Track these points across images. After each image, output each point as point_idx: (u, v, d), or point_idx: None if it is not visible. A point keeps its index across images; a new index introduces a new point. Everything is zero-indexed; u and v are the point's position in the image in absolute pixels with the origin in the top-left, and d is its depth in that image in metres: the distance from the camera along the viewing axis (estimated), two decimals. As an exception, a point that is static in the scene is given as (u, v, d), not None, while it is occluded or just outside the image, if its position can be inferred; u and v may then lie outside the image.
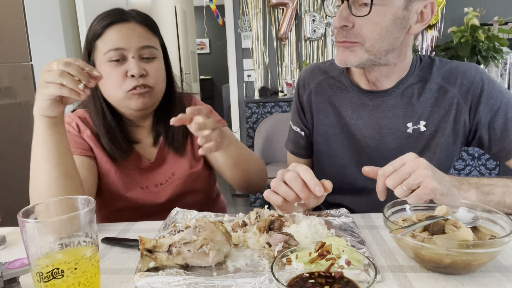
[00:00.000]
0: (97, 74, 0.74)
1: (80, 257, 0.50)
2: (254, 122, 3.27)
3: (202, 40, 8.58)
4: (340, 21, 0.85)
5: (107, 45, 0.91)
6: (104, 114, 0.97)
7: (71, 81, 0.70)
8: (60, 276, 0.49)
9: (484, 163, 2.93)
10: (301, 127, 1.09)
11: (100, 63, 0.93)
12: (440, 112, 0.94)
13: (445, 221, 0.62)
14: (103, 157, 0.98)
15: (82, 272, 0.50)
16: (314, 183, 0.72)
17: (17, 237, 0.82)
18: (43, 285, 0.49)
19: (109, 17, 0.93)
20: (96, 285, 0.53)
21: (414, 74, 0.95)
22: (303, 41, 3.45)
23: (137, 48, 0.92)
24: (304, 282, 0.48)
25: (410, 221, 0.66)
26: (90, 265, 0.51)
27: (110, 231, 0.83)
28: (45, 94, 0.72)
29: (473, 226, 0.64)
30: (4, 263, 0.59)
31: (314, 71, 1.08)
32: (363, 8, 0.83)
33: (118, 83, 0.92)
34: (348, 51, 0.88)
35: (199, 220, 0.67)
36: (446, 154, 0.95)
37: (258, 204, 3.43)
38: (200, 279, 0.57)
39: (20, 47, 2.11)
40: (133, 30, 0.93)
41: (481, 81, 0.91)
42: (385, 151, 0.97)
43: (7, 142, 2.19)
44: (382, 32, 0.84)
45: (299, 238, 0.67)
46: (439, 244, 0.55)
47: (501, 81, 2.90)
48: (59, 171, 0.78)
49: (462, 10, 2.98)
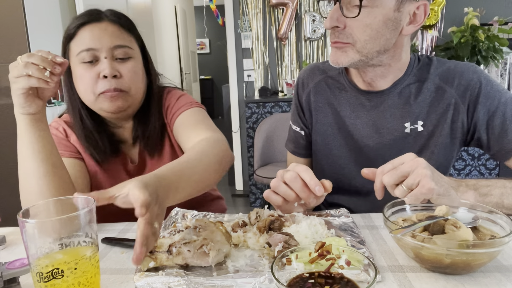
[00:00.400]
0: (61, 60, 0.74)
1: (80, 257, 0.50)
2: (254, 122, 3.27)
3: (202, 40, 8.59)
4: (331, 22, 0.86)
5: (79, 46, 0.89)
6: (82, 117, 0.95)
7: (36, 70, 0.71)
8: (60, 276, 0.49)
9: (484, 163, 2.93)
10: (300, 127, 1.10)
11: (74, 65, 0.90)
12: (437, 112, 0.94)
13: (445, 221, 0.62)
14: (89, 160, 0.98)
15: (82, 272, 0.50)
16: (314, 182, 0.72)
17: (17, 237, 0.82)
18: (43, 285, 0.49)
19: (82, 18, 0.90)
20: (96, 285, 0.53)
21: (412, 74, 0.96)
22: (303, 41, 3.45)
23: (109, 48, 0.89)
24: (304, 282, 0.48)
25: (410, 221, 0.66)
26: (90, 265, 0.51)
27: (110, 231, 0.83)
28: (16, 89, 0.73)
29: (473, 226, 0.64)
30: (4, 263, 0.59)
31: (313, 71, 1.08)
32: (355, 9, 0.83)
33: (90, 85, 0.89)
34: (340, 52, 0.88)
35: (199, 220, 0.67)
36: (444, 154, 0.95)
37: (258, 204, 3.43)
38: (200, 279, 0.57)
39: (20, 47, 2.11)
40: (105, 29, 0.90)
41: (479, 81, 0.91)
42: (383, 150, 0.97)
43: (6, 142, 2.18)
44: (372, 33, 0.84)
45: (299, 238, 0.67)
46: (439, 244, 0.55)
47: (501, 81, 2.90)
48: (46, 168, 0.78)
49: (462, 10, 2.98)
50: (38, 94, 0.77)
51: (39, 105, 0.77)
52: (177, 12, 5.64)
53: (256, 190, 3.43)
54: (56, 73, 0.73)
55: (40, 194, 0.77)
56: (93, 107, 0.94)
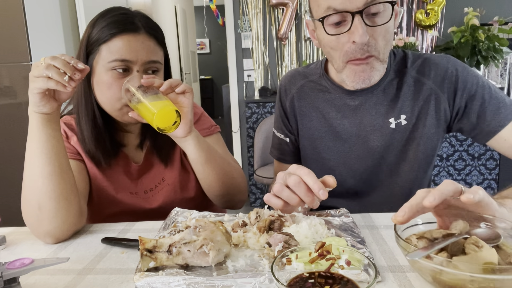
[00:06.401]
0: (82, 67, 0.75)
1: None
2: (254, 122, 3.27)
3: (202, 40, 8.59)
4: (366, 36, 0.80)
5: (113, 54, 0.87)
6: (95, 118, 0.94)
7: (56, 73, 0.72)
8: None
9: (484, 163, 2.93)
10: (285, 134, 1.09)
11: (101, 69, 0.89)
12: (419, 105, 0.95)
13: (464, 239, 0.56)
14: (89, 162, 0.97)
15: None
16: (317, 187, 0.71)
17: (17, 237, 0.83)
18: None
19: (117, 24, 0.88)
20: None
21: (392, 69, 0.97)
22: (303, 41, 3.45)
23: (143, 62, 0.89)
24: (304, 282, 0.48)
25: (425, 239, 0.59)
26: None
27: (110, 231, 0.83)
28: (34, 88, 0.74)
29: (495, 245, 0.56)
30: (4, 263, 0.59)
31: (294, 77, 1.08)
32: (371, 18, 0.82)
33: (118, 95, 0.89)
34: (369, 68, 0.86)
35: (199, 220, 0.67)
36: (430, 144, 0.97)
37: (258, 204, 3.43)
38: (200, 279, 0.57)
39: (20, 47, 2.11)
40: (142, 43, 0.89)
41: (455, 69, 0.93)
42: (371, 148, 0.98)
43: (7, 142, 2.19)
44: (389, 36, 0.84)
45: (299, 238, 0.67)
46: (461, 268, 0.48)
47: (501, 81, 2.90)
48: (53, 168, 0.78)
49: (462, 10, 2.98)
50: (54, 95, 0.78)
51: (53, 106, 0.77)
52: (177, 12, 5.64)
53: (256, 190, 3.43)
54: (75, 79, 0.74)
55: (45, 193, 0.77)
56: (113, 113, 0.93)
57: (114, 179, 0.99)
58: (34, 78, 0.73)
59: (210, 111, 7.14)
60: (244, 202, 1.06)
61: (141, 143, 1.03)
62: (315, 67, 1.07)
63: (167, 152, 1.03)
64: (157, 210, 1.01)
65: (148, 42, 0.90)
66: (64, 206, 0.78)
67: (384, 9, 0.82)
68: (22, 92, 2.15)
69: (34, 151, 0.78)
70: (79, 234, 0.83)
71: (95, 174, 0.98)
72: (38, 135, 0.77)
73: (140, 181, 1.02)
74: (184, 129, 0.85)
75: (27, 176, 0.79)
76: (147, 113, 0.78)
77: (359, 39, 0.80)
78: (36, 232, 0.79)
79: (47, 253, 0.75)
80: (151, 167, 1.04)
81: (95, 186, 0.98)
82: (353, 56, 0.84)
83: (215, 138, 1.09)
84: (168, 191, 1.03)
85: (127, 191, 1.00)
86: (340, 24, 0.83)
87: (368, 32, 0.81)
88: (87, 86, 0.92)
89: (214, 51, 8.71)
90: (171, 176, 1.04)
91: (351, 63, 0.86)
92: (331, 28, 0.85)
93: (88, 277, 0.64)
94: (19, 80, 2.14)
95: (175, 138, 0.89)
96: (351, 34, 0.82)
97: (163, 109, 0.76)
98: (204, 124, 1.08)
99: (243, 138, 3.63)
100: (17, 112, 2.15)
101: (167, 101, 0.79)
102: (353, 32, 0.81)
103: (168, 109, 0.77)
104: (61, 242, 0.79)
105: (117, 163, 1.00)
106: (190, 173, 1.05)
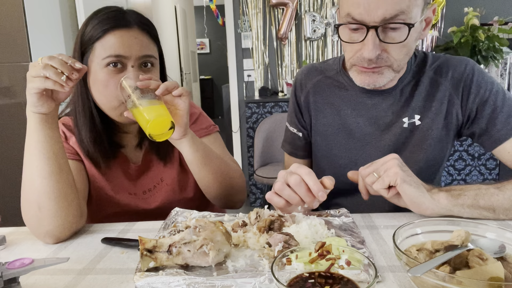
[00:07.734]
0: (80, 66, 0.74)
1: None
2: (254, 122, 3.27)
3: (202, 40, 8.58)
4: (375, 52, 0.81)
5: (107, 50, 0.87)
6: (93, 118, 0.93)
7: (53, 73, 0.71)
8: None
9: (484, 163, 2.93)
10: (298, 128, 1.09)
11: (96, 67, 0.88)
12: (433, 105, 0.95)
13: (468, 251, 0.53)
14: (88, 163, 0.97)
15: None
16: (317, 188, 0.72)
17: (17, 237, 0.83)
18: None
19: (109, 21, 0.88)
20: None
21: (411, 71, 0.97)
22: (303, 41, 3.45)
23: (137, 57, 0.89)
24: (304, 282, 0.48)
25: (426, 250, 0.57)
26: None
27: (110, 231, 0.83)
28: (31, 88, 0.73)
29: (499, 257, 0.54)
30: (4, 263, 0.59)
31: (310, 71, 1.07)
32: (388, 32, 0.81)
33: (114, 93, 0.88)
34: (377, 74, 0.86)
35: (199, 220, 0.67)
36: (440, 147, 0.97)
37: (258, 204, 3.43)
38: (200, 279, 0.57)
39: (20, 47, 2.11)
40: (135, 38, 0.89)
41: (471, 73, 0.93)
42: (383, 147, 0.98)
43: (7, 142, 2.19)
44: (408, 51, 0.85)
45: (299, 238, 0.67)
46: (466, 284, 0.45)
47: (501, 81, 2.90)
48: (52, 168, 0.78)
49: (462, 10, 2.98)
50: (52, 95, 0.77)
51: (51, 106, 0.77)
52: (177, 12, 5.63)
53: (256, 190, 3.43)
54: (73, 78, 0.74)
55: (44, 194, 0.77)
56: (111, 113, 0.91)
57: (113, 179, 0.99)
58: (31, 78, 0.73)
59: (210, 111, 7.14)
60: (243, 201, 1.06)
61: (139, 144, 1.03)
62: (332, 63, 1.06)
63: (165, 151, 1.03)
64: (156, 211, 1.01)
65: (141, 37, 0.90)
66: (63, 206, 0.78)
67: (404, 26, 0.80)
68: (22, 92, 2.14)
69: (33, 152, 0.78)
70: (79, 234, 0.83)
71: (94, 174, 0.98)
72: (36, 135, 0.77)
73: (139, 182, 1.02)
74: (179, 132, 0.84)
75: (26, 176, 0.79)
76: (141, 118, 0.76)
77: (367, 55, 0.81)
78: (36, 232, 0.79)
79: (47, 253, 0.75)
80: (150, 167, 1.03)
81: (94, 186, 0.98)
82: (360, 64, 0.85)
83: (213, 138, 1.08)
84: (167, 191, 1.03)
85: (126, 192, 1.00)
86: (358, 30, 0.83)
87: (381, 45, 0.81)
88: (83, 86, 0.92)
89: (214, 51, 8.71)
90: (170, 176, 1.04)
91: (358, 67, 0.87)
92: (347, 32, 0.85)
93: (88, 277, 0.64)
94: (19, 80, 2.14)
95: (171, 139, 0.88)
96: (363, 46, 0.82)
97: (157, 118, 0.74)
98: (202, 124, 1.08)
99: (243, 138, 3.63)
100: (17, 112, 2.15)
101: (162, 107, 0.78)
102: (365, 45, 0.82)
103: (162, 119, 0.75)
104: (61, 242, 0.79)
105: (115, 164, 1.00)
106: (189, 174, 1.05)
